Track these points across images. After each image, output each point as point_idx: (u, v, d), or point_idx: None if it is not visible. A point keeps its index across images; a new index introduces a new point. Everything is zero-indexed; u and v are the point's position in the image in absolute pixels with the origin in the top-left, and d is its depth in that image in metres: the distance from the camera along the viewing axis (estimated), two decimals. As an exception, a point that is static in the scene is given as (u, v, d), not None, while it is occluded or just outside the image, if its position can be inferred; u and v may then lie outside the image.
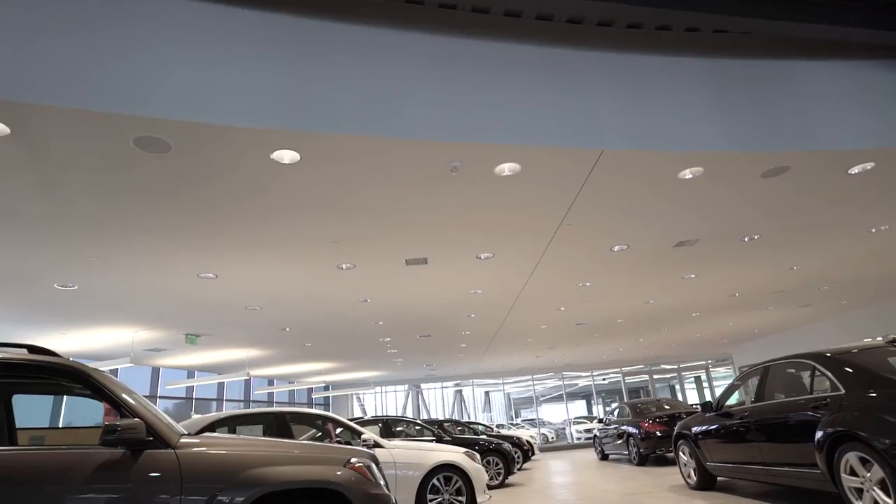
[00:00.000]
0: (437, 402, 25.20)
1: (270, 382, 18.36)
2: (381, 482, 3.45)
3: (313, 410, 6.18)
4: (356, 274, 7.42)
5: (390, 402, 24.15)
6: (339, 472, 3.15)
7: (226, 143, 4.02)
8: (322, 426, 6.30)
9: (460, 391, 27.38)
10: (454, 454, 6.27)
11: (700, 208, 6.10)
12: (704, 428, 6.55)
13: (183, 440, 2.91)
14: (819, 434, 4.51)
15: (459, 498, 6.10)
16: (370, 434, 5.98)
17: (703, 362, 23.31)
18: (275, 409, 6.02)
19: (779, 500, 5.54)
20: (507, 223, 6.11)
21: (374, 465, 3.49)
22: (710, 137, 4.76)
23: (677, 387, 26.77)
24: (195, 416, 5.83)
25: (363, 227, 5.85)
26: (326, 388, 21.09)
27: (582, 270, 8.25)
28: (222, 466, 2.87)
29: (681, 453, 7.21)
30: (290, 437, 5.82)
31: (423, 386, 24.34)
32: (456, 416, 24.97)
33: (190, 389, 14.96)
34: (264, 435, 5.98)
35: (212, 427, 5.66)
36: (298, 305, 8.86)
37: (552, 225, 6.28)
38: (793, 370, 5.52)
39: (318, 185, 4.81)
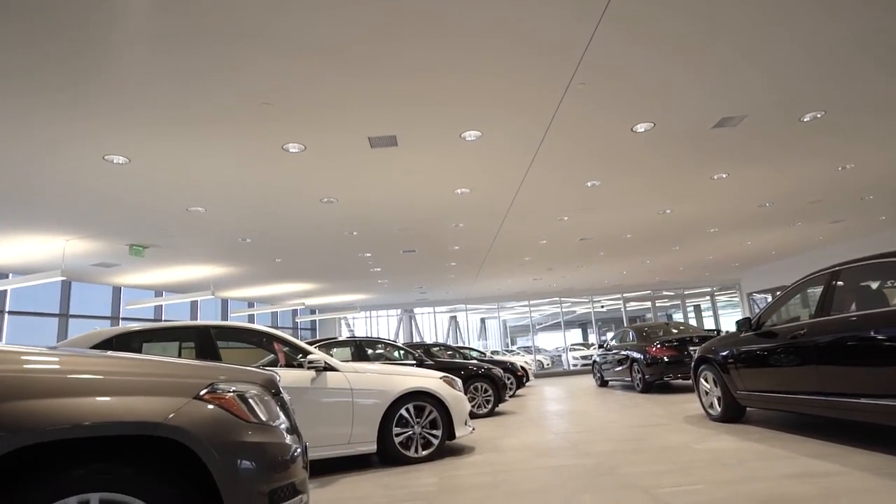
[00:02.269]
0: (432, 329, 24.45)
1: (251, 305, 17.30)
2: (271, 419, 2.12)
3: (248, 325, 4.90)
4: (309, 160, 5.90)
5: (382, 327, 23.38)
6: (181, 409, 1.80)
7: None
8: (264, 344, 5.03)
9: (455, 317, 26.66)
10: (428, 380, 5.07)
11: (759, 57, 4.49)
12: (738, 351, 5.32)
13: None
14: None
15: (434, 431, 4.96)
16: (320, 354, 4.73)
17: (708, 289, 22.26)
18: (197, 322, 4.71)
19: (821, 434, 4.36)
20: (498, 78, 4.53)
21: (260, 396, 2.14)
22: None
23: (677, 315, 26.02)
24: (97, 329, 4.54)
25: (299, 76, 4.27)
26: (313, 312, 20.15)
27: (591, 163, 6.73)
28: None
29: (702, 380, 6.06)
30: (216, 357, 4.56)
31: (416, 311, 23.47)
32: (451, 343, 24.30)
33: (158, 311, 13.84)
34: (180, 356, 4.71)
35: (109, 343, 4.37)
36: (249, 207, 7.40)
37: (558, 85, 4.70)
38: (875, 275, 4.16)
39: (211, -10, 3.20)
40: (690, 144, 6.29)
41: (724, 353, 5.57)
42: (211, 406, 1.89)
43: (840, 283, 4.33)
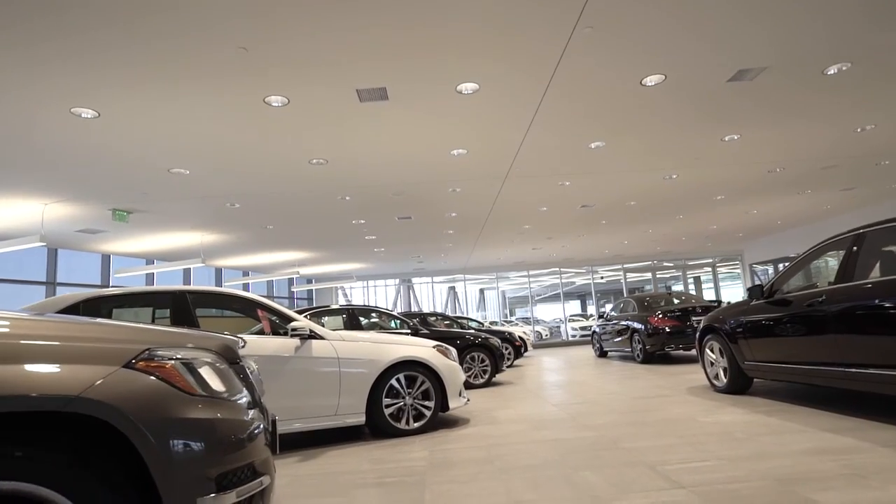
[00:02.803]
0: (431, 300, 24.25)
1: (246, 274, 17.03)
2: (229, 392, 1.83)
3: (228, 290, 4.58)
4: (294, 115, 5.50)
5: (381, 297, 23.16)
6: (104, 379, 1.49)
7: None
8: (246, 311, 4.73)
9: (453, 288, 26.46)
10: (420, 349, 4.79)
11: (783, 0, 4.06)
12: (748, 319, 5.04)
13: None
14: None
15: (426, 403, 4.71)
16: (305, 321, 4.43)
17: (710, 259, 21.97)
18: (172, 287, 4.40)
19: (833, 407, 4.11)
20: (496, 25, 4.10)
21: (214, 364, 1.84)
22: None
23: (677, 287, 25.80)
24: (66, 294, 4.24)
25: (279, 22, 3.85)
26: (309, 282, 19.91)
27: (596, 121, 6.32)
28: None
29: (708, 350, 5.81)
30: (193, 325, 4.26)
31: (414, 281, 23.23)
32: (449, 313, 24.13)
33: (150, 280, 13.56)
34: (154, 322, 4.41)
35: (76, 309, 4.08)
36: (235, 168, 7.02)
37: (561, 32, 4.27)
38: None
39: None
40: (703, 100, 5.87)
41: (733, 323, 5.29)
42: (145, 376, 1.58)
43: (864, 247, 4.01)
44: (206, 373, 1.80)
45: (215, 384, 1.80)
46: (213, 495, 1.59)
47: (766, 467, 2.91)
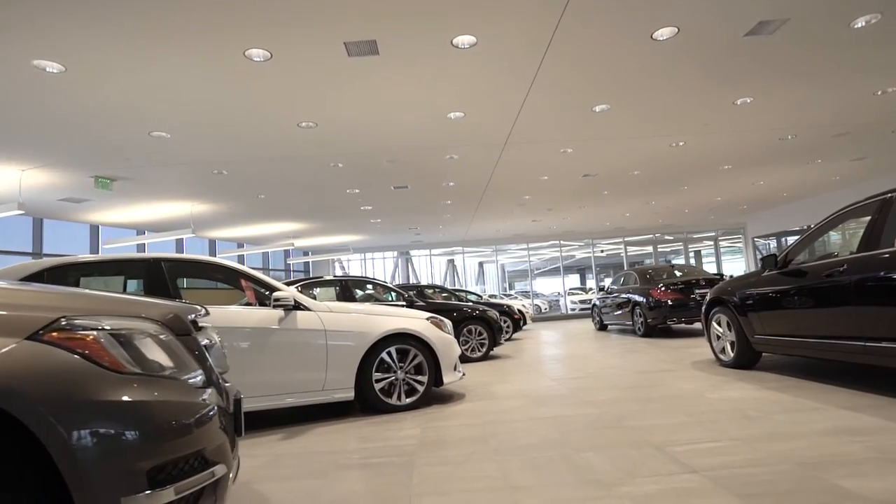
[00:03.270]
0: (430, 272, 24.02)
1: (241, 246, 16.74)
2: (179, 369, 1.55)
3: (207, 258, 4.29)
4: (277, 71, 5.11)
5: (378, 270, 22.93)
6: (2, 353, 1.20)
7: None
8: (227, 280, 4.44)
9: (452, 261, 26.21)
10: (412, 321, 4.53)
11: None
12: (759, 292, 4.77)
13: None
14: None
15: (419, 377, 4.46)
16: (289, 291, 4.15)
17: (712, 233, 21.65)
18: (146, 255, 4.11)
19: (846, 382, 3.87)
20: (495, -37, 3.71)
21: (156, 337, 1.55)
22: None
23: (677, 261, 25.56)
24: (27, 261, 3.95)
25: (252, -43, 3.46)
26: (305, 254, 19.63)
27: (601, 81, 5.93)
28: None
29: (715, 324, 5.56)
30: (170, 295, 3.98)
31: (412, 254, 22.96)
32: (448, 287, 23.92)
33: (140, 251, 13.26)
34: (125, 291, 4.13)
35: (40, 277, 3.79)
36: (218, 131, 6.64)
37: (569, -27, 3.88)
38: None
39: None
40: (717, 58, 5.47)
41: (742, 295, 5.02)
42: (56, 350, 1.29)
43: (892, 213, 3.70)
44: (146, 346, 1.51)
45: (159, 359, 1.52)
46: (146, 493, 1.32)
47: (785, 449, 2.66)
